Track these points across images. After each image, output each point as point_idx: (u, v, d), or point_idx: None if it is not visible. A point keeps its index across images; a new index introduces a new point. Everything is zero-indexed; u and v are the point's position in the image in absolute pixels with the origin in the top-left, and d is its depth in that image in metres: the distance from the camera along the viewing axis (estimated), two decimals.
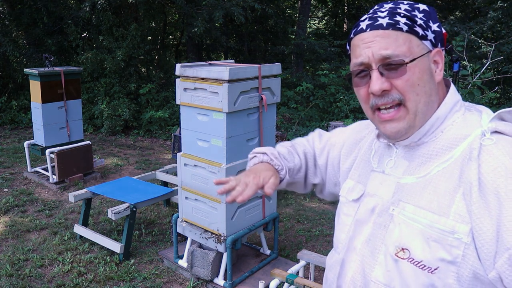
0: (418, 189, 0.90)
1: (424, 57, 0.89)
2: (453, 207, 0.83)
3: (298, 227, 4.22)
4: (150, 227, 4.13)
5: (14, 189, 4.96)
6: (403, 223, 0.89)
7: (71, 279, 3.21)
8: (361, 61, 0.90)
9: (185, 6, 7.98)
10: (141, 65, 9.26)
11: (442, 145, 0.90)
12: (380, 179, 0.99)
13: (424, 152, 0.92)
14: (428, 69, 0.90)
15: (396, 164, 0.97)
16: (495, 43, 5.81)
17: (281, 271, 2.52)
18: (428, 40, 0.90)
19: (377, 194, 0.98)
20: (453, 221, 0.82)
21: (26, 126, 8.13)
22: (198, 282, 3.18)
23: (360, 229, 0.99)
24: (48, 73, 5.01)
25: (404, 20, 0.88)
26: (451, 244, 0.82)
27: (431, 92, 0.90)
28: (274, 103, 3.17)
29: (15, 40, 8.71)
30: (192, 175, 3.07)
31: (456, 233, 0.81)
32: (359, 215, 1.00)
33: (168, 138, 7.70)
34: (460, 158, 0.86)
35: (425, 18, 0.91)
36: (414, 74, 0.88)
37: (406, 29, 0.88)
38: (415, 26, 0.89)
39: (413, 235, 0.87)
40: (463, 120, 0.92)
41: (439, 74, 0.92)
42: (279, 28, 11.37)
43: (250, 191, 1.01)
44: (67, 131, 5.31)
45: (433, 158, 0.90)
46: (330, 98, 7.68)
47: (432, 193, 0.87)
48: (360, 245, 0.98)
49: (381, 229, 0.94)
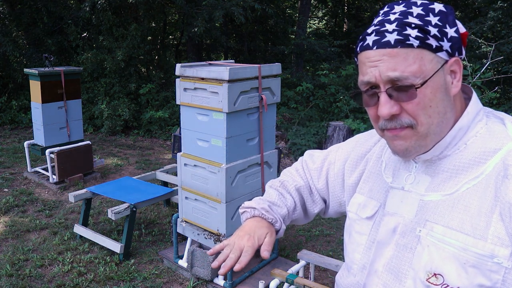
0: (445, 207, 0.83)
1: (438, 73, 0.81)
2: (491, 229, 0.77)
3: (298, 227, 4.22)
4: (150, 227, 4.13)
5: (14, 189, 4.96)
6: (433, 245, 0.83)
7: (71, 279, 3.21)
8: (368, 80, 0.84)
9: (185, 6, 7.98)
10: (141, 65, 9.25)
11: (469, 159, 0.83)
12: (400, 197, 0.91)
13: (449, 167, 0.85)
14: (443, 85, 0.82)
15: (416, 179, 0.90)
16: (495, 43, 5.81)
17: (281, 271, 2.52)
18: (443, 51, 0.82)
19: (397, 213, 0.91)
20: (492, 245, 0.76)
21: (26, 126, 8.13)
22: (198, 282, 3.18)
23: (381, 251, 0.93)
24: (48, 73, 5.01)
25: (415, 32, 0.80)
26: (491, 269, 0.76)
27: (445, 110, 0.83)
28: (274, 103, 3.17)
29: (15, 40, 8.70)
30: (192, 175, 3.07)
31: (495, 257, 0.76)
32: (380, 237, 0.93)
33: (168, 138, 7.70)
34: (493, 174, 0.80)
35: (440, 24, 0.81)
36: (425, 96, 0.81)
37: (418, 44, 0.79)
38: (428, 38, 0.80)
39: (446, 259, 0.81)
40: (487, 130, 0.85)
41: (456, 86, 0.84)
42: (279, 28, 11.38)
43: (247, 257, 0.96)
44: (67, 131, 5.31)
45: (460, 173, 0.84)
46: (330, 98, 7.68)
47: (463, 212, 0.81)
48: (381, 268, 0.92)
49: (406, 252, 0.87)
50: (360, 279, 0.97)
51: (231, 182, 2.91)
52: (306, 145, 6.38)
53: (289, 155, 6.63)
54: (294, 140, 6.56)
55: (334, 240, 3.98)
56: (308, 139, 6.47)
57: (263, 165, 3.14)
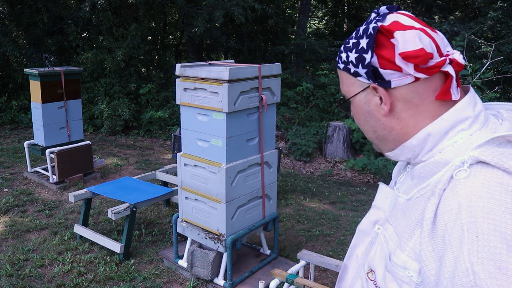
0: (401, 211, 0.85)
1: (358, 96, 0.88)
2: (411, 242, 0.78)
3: (298, 227, 4.22)
4: (150, 227, 4.13)
5: (14, 189, 4.96)
6: (380, 244, 0.88)
7: (71, 279, 3.21)
8: None
9: (185, 6, 7.98)
10: (141, 65, 9.26)
11: (430, 168, 0.82)
12: (386, 193, 0.96)
13: (418, 173, 0.86)
14: (364, 107, 0.87)
15: (404, 180, 0.93)
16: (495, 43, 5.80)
17: (281, 271, 2.52)
18: (361, 76, 0.84)
19: (381, 207, 0.96)
20: (407, 257, 0.78)
21: (26, 126, 8.13)
22: (198, 282, 3.18)
23: (362, 240, 0.99)
24: (48, 73, 5.01)
25: (343, 57, 0.87)
26: (402, 279, 0.79)
27: (374, 129, 0.89)
28: (274, 103, 3.17)
29: (15, 40, 8.71)
30: (192, 175, 3.07)
31: (407, 270, 0.77)
32: (362, 226, 1.00)
33: (168, 138, 7.70)
34: (431, 188, 0.78)
35: (365, 47, 0.82)
36: (353, 114, 0.92)
37: (342, 67, 0.88)
38: (348, 63, 0.86)
39: (380, 259, 0.85)
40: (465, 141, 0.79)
41: (382, 109, 0.85)
42: (279, 28, 11.38)
43: None
44: (67, 131, 5.31)
45: (421, 181, 0.84)
46: (330, 98, 7.68)
47: (404, 219, 0.83)
48: (360, 255, 0.99)
49: (370, 245, 0.95)
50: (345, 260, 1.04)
51: (231, 182, 2.91)
52: (306, 145, 6.38)
53: (289, 155, 6.64)
54: (294, 140, 6.56)
55: (334, 240, 3.97)
56: (308, 139, 6.47)
57: (263, 165, 3.14)
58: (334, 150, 6.54)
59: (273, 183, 3.30)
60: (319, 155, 6.70)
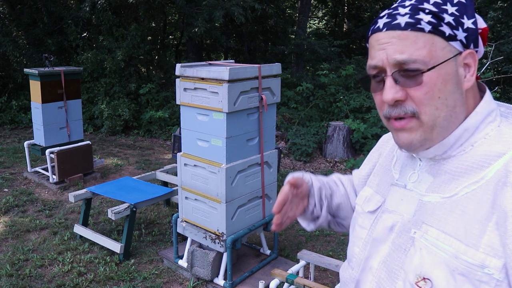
0: (443, 211, 0.80)
1: (449, 62, 0.77)
2: (485, 238, 0.73)
3: (298, 227, 4.22)
4: (150, 227, 4.13)
5: (14, 189, 4.96)
6: (425, 249, 0.80)
7: (71, 279, 3.21)
8: (375, 64, 0.81)
9: (185, 6, 7.98)
10: (141, 65, 9.26)
11: (473, 162, 0.79)
12: (401, 194, 0.89)
13: (451, 168, 0.82)
14: (454, 76, 0.78)
15: (419, 178, 0.87)
16: (495, 43, 5.81)
17: (281, 271, 2.52)
18: (457, 41, 0.78)
19: (396, 210, 0.89)
20: (484, 254, 0.72)
21: (26, 126, 8.13)
22: (198, 282, 3.18)
23: (377, 249, 0.91)
24: (48, 73, 5.01)
25: (428, 18, 0.76)
26: (480, 279, 0.72)
27: (455, 103, 0.79)
28: (274, 103, 3.17)
29: (15, 40, 8.70)
30: (192, 175, 3.07)
31: (486, 268, 0.72)
32: (377, 234, 0.91)
33: (168, 138, 7.70)
34: (493, 180, 0.75)
35: (458, 13, 0.78)
36: (434, 84, 0.77)
37: (429, 29, 0.76)
38: (442, 24, 0.76)
39: (437, 264, 0.77)
40: (498, 133, 0.80)
41: (469, 80, 0.80)
42: (279, 28, 11.37)
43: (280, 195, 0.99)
44: (67, 131, 5.31)
45: (462, 176, 0.80)
46: (330, 98, 7.68)
47: (459, 218, 0.77)
48: (376, 265, 0.90)
49: (400, 252, 0.85)
50: (356, 274, 0.95)
51: (231, 182, 2.91)
52: (306, 145, 6.38)
53: (289, 155, 6.63)
54: (294, 140, 6.56)
55: (334, 240, 3.98)
56: (308, 139, 6.47)
57: (263, 165, 3.14)
58: (334, 150, 6.54)
59: (273, 183, 3.30)
60: (319, 155, 6.70)
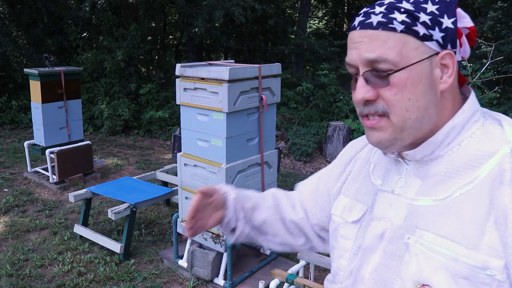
0: (436, 214, 0.78)
1: (422, 63, 0.75)
2: (485, 239, 0.71)
3: None
4: (150, 227, 4.13)
5: (14, 189, 4.96)
6: (422, 254, 0.77)
7: (71, 279, 3.21)
8: (348, 61, 0.81)
9: (185, 6, 7.98)
10: (141, 65, 9.26)
11: (464, 162, 0.78)
12: (390, 200, 0.86)
13: (441, 169, 0.80)
14: (427, 77, 0.76)
15: (407, 182, 0.84)
16: (495, 43, 5.80)
17: (281, 271, 2.52)
18: (433, 41, 0.76)
19: (385, 217, 0.86)
20: (485, 255, 0.71)
21: (26, 126, 8.13)
22: (198, 282, 3.18)
23: (368, 258, 0.87)
24: (48, 73, 5.01)
25: (402, 17, 0.75)
26: (483, 281, 0.71)
27: (427, 105, 0.77)
28: (274, 103, 3.17)
29: (15, 40, 8.70)
30: (192, 175, 3.07)
31: (488, 269, 0.70)
32: (367, 242, 0.88)
33: (168, 138, 7.70)
34: (488, 180, 0.74)
35: (437, 12, 0.76)
36: (404, 86, 0.75)
37: (401, 29, 0.74)
38: (416, 24, 0.75)
39: (436, 269, 0.75)
40: (484, 132, 0.79)
41: (445, 82, 0.78)
42: (279, 28, 11.37)
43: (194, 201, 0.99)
44: (67, 131, 5.31)
45: (453, 177, 0.78)
46: (330, 98, 7.68)
47: (455, 220, 0.75)
48: (368, 275, 0.87)
49: (394, 260, 0.82)
50: (346, 286, 0.92)
51: (231, 182, 2.91)
52: (306, 145, 6.39)
53: (289, 155, 6.63)
54: (294, 140, 6.56)
55: None
56: (308, 139, 6.47)
57: (263, 165, 3.14)
58: (334, 150, 6.54)
59: (273, 183, 3.30)
60: (319, 155, 6.70)
